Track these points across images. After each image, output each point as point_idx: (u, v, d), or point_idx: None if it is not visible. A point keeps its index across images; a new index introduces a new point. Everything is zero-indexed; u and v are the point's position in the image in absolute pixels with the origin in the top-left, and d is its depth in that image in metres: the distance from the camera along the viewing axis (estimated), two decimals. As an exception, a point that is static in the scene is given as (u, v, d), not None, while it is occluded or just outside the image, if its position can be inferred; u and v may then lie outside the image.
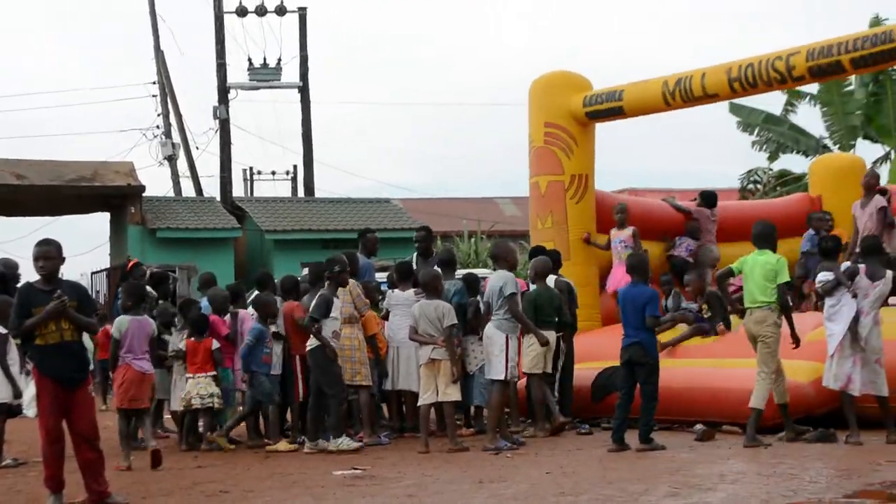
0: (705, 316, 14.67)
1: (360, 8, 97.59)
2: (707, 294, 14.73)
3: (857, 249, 14.06)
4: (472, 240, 36.83)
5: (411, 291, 13.26)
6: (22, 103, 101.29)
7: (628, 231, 16.20)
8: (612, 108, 16.48)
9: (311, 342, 12.36)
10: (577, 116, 16.75)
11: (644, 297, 11.83)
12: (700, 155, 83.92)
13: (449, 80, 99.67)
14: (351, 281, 12.98)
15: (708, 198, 17.57)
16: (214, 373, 12.98)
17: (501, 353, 12.33)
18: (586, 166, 16.87)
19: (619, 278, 15.98)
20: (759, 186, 34.23)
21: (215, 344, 12.99)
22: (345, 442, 12.17)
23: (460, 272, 14.86)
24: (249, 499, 9.26)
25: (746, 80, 15.10)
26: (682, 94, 15.72)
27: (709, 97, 15.77)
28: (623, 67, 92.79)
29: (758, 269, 12.01)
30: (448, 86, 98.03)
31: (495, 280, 12.62)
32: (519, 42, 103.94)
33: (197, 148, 38.83)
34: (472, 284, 13.79)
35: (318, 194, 37.98)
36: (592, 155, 17.09)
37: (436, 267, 13.66)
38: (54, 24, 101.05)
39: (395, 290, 13.77)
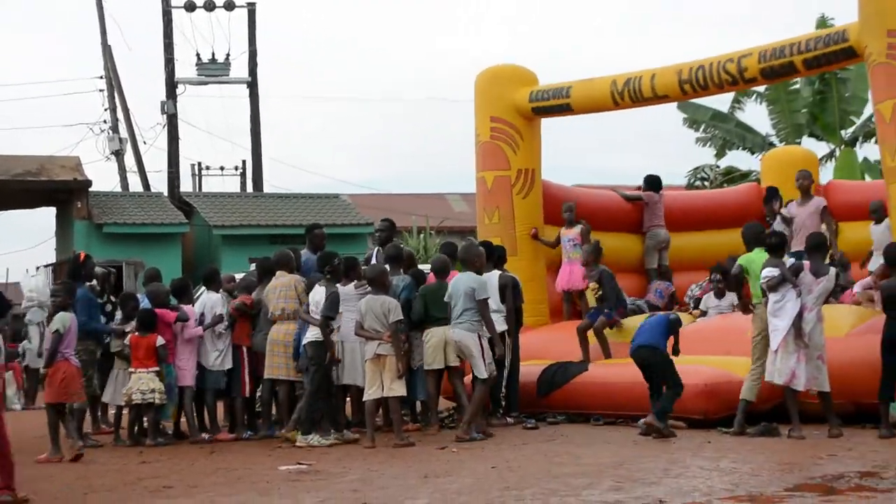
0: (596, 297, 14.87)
1: (310, 3, 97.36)
2: (600, 272, 14.79)
3: (795, 249, 14.26)
4: (422, 235, 36.81)
5: (352, 286, 13.23)
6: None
7: (576, 230, 16.20)
8: (559, 104, 16.49)
9: (314, 334, 12.39)
10: (523, 111, 16.73)
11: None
12: (647, 152, 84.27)
13: (398, 75, 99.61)
14: (295, 276, 13.00)
15: (653, 182, 17.65)
16: (157, 368, 12.91)
17: (479, 353, 12.61)
18: (533, 161, 16.86)
19: (568, 276, 16.04)
20: (706, 183, 34.47)
21: (160, 340, 12.93)
22: (315, 438, 12.18)
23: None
24: (193, 494, 9.22)
25: (697, 82, 15.16)
26: (632, 95, 15.76)
27: (658, 98, 15.82)
28: (569, 64, 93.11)
29: (758, 268, 12.15)
30: (397, 81, 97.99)
31: (465, 282, 12.67)
32: (468, 36, 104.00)
33: (144, 143, 38.63)
34: (420, 280, 13.79)
35: (267, 190, 37.85)
36: (539, 149, 17.08)
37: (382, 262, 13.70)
38: None
39: (339, 286, 13.70)
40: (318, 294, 12.56)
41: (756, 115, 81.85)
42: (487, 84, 17.06)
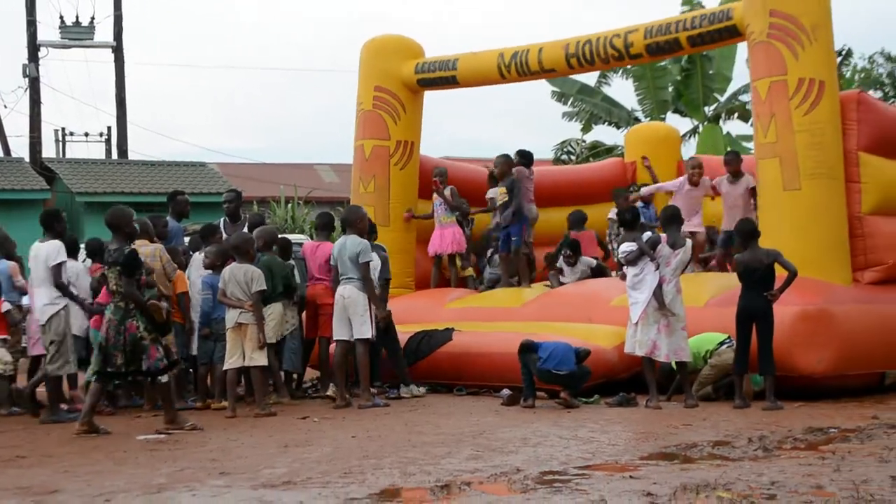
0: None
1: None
2: (511, 181, 15.31)
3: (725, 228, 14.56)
4: (289, 205, 36.59)
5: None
6: None
7: (447, 191, 16.24)
8: (445, 76, 16.54)
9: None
10: (407, 83, 16.74)
11: None
12: (515, 125, 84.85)
13: (269, 44, 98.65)
14: (158, 245, 12.79)
15: (525, 156, 17.72)
16: (6, 337, 12.62)
17: (365, 312, 12.59)
18: (413, 133, 16.89)
19: (439, 241, 16.10)
20: (572, 157, 34.81)
21: (6, 306, 12.62)
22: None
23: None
24: (47, 464, 9.04)
25: (584, 57, 15.30)
26: (518, 68, 15.86)
27: (545, 72, 15.99)
28: (455, 38, 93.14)
29: None
30: (268, 50, 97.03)
31: (350, 245, 12.64)
32: (344, 7, 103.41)
33: (5, 107, 37.93)
34: (286, 249, 13.71)
35: (132, 157, 37.22)
36: (419, 122, 17.12)
37: (246, 230, 13.58)
38: None
39: (198, 254, 13.57)
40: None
41: (622, 90, 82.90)
42: (373, 53, 17.03)
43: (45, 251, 11.83)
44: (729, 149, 16.71)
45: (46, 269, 11.78)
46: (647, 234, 12.46)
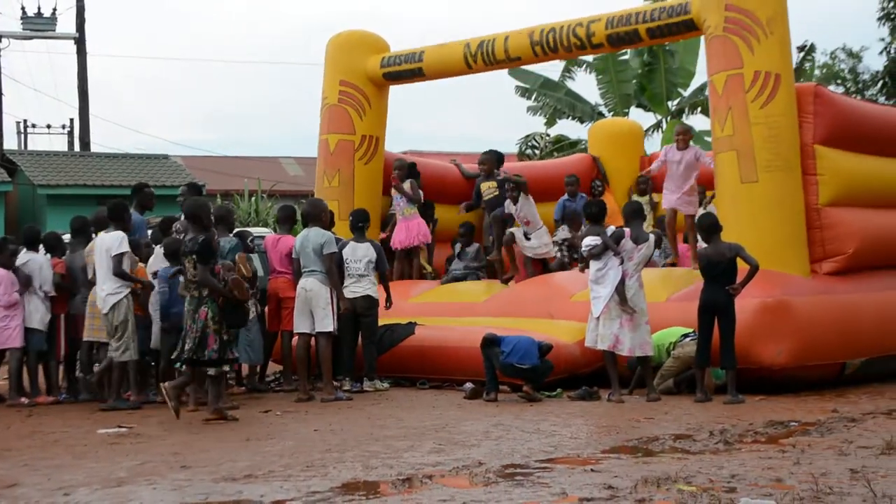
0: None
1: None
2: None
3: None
4: (253, 199, 36.46)
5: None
6: None
7: (406, 185, 16.26)
8: (411, 69, 16.57)
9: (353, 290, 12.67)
10: (373, 77, 16.76)
11: None
12: (479, 119, 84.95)
13: (234, 35, 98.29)
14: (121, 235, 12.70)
15: (496, 156, 17.73)
16: None
17: (328, 305, 12.60)
18: (378, 128, 16.91)
19: (405, 234, 16.09)
20: (536, 151, 34.84)
21: None
22: None
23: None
24: (6, 457, 8.98)
25: (548, 45, 15.39)
26: (485, 58, 15.92)
27: (511, 61, 16.09)
28: (422, 32, 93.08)
29: None
30: (233, 42, 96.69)
31: (314, 237, 12.63)
32: (309, 1, 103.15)
33: (-35, 98, 37.36)
34: (246, 241, 13.64)
35: (95, 149, 37.01)
36: (385, 117, 17.15)
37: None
38: None
39: (159, 247, 13.48)
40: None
41: (586, 84, 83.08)
42: (339, 48, 17.05)
43: (108, 242, 12.06)
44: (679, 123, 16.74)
45: (109, 258, 11.99)
46: (611, 229, 12.49)
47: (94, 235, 12.94)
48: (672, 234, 14.98)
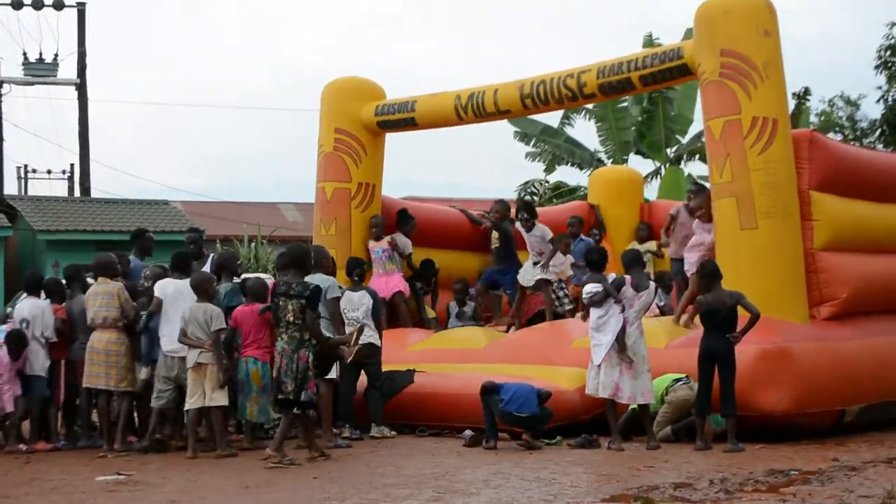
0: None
1: (142, 6, 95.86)
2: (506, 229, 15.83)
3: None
4: (253, 244, 36.49)
5: None
6: None
7: (384, 242, 16.37)
8: (404, 118, 16.60)
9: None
10: (368, 125, 16.79)
11: None
12: (479, 165, 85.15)
13: (232, 81, 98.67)
14: (118, 284, 12.73)
15: (505, 206, 17.68)
16: None
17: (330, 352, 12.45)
18: (374, 175, 16.93)
19: (382, 287, 16.06)
20: (535, 198, 34.93)
21: None
22: None
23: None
24: (4, 505, 8.97)
25: (538, 97, 15.40)
26: (475, 109, 15.95)
27: (501, 113, 16.08)
28: (416, 77, 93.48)
29: None
30: (232, 88, 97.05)
31: (316, 283, 12.62)
32: (308, 47, 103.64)
33: (-34, 143, 37.44)
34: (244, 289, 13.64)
35: (95, 195, 37.07)
36: (381, 164, 17.17)
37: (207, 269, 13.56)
38: None
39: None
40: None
41: (585, 130, 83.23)
42: (334, 96, 17.07)
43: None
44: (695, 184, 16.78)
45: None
46: (612, 276, 12.50)
47: (91, 281, 12.97)
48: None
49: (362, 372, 13.46)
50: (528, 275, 15.54)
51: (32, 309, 13.04)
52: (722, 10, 13.56)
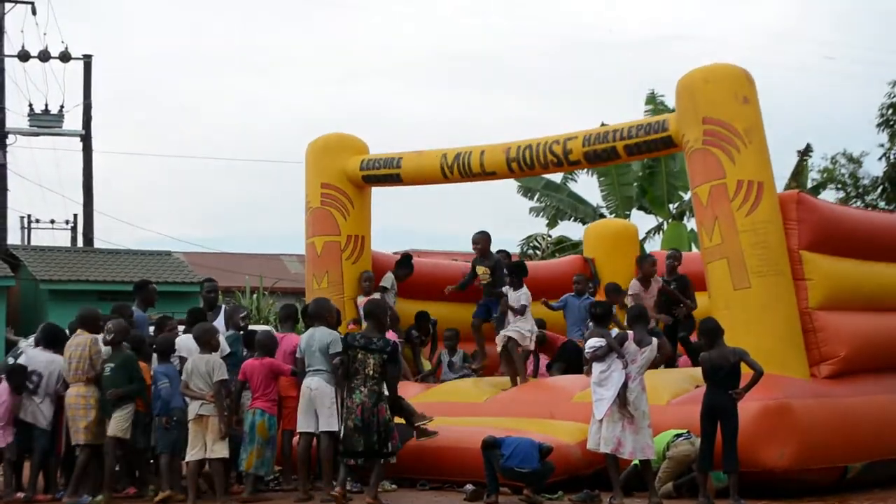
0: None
1: (149, 59, 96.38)
2: (496, 260, 15.77)
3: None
4: (255, 296, 36.53)
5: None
6: None
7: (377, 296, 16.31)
8: (389, 174, 16.63)
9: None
10: (353, 179, 16.82)
11: None
12: (481, 219, 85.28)
13: (236, 133, 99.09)
14: (92, 336, 12.69)
15: (488, 236, 17.48)
16: None
17: (333, 405, 12.52)
18: (363, 227, 16.96)
19: None
20: (538, 252, 34.99)
21: None
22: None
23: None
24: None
25: (524, 161, 15.46)
26: (461, 169, 15.98)
27: (487, 174, 16.08)
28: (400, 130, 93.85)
29: None
30: (235, 140, 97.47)
31: (320, 337, 12.66)
32: (307, 100, 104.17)
33: (-28, 193, 37.55)
34: (251, 340, 13.65)
35: (98, 245, 37.15)
36: (369, 216, 17.21)
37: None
38: None
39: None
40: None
41: (588, 186, 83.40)
42: (318, 152, 17.13)
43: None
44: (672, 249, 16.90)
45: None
46: (615, 331, 12.50)
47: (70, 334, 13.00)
48: None
49: None
50: (498, 339, 15.43)
51: (49, 364, 12.97)
52: (702, 80, 13.74)
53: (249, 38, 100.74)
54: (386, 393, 11.81)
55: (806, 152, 35.00)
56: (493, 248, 16.39)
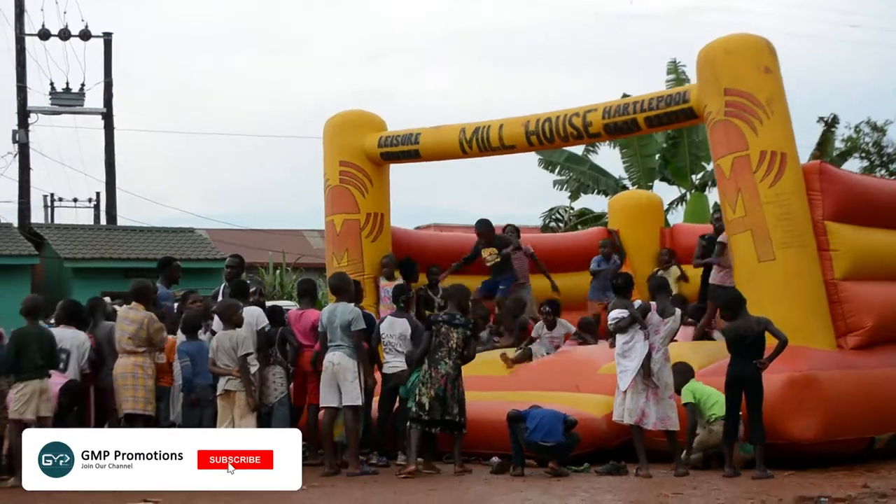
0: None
1: (168, 35, 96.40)
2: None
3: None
4: (278, 272, 36.57)
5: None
6: None
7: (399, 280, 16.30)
8: (407, 150, 16.61)
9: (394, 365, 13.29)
10: (371, 156, 16.81)
11: None
12: (502, 192, 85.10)
13: (257, 110, 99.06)
14: (149, 314, 12.69)
15: (488, 225, 17.41)
16: None
17: (356, 379, 12.52)
18: (382, 205, 16.95)
19: None
20: (560, 225, 34.93)
21: None
22: None
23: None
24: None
25: (543, 134, 15.42)
26: (480, 144, 15.95)
27: (506, 148, 16.03)
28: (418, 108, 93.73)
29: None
30: (257, 116, 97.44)
31: (342, 312, 12.65)
32: (329, 74, 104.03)
33: (-5, 172, 37.72)
34: (277, 317, 13.67)
35: (121, 223, 37.26)
36: (388, 193, 17.20)
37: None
38: None
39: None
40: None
41: (610, 158, 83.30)
42: (336, 129, 17.10)
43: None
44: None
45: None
46: (638, 302, 12.49)
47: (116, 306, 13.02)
48: None
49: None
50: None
51: (73, 340, 12.98)
52: (723, 51, 13.68)
53: (271, 16, 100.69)
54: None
55: (832, 124, 34.81)
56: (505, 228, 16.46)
